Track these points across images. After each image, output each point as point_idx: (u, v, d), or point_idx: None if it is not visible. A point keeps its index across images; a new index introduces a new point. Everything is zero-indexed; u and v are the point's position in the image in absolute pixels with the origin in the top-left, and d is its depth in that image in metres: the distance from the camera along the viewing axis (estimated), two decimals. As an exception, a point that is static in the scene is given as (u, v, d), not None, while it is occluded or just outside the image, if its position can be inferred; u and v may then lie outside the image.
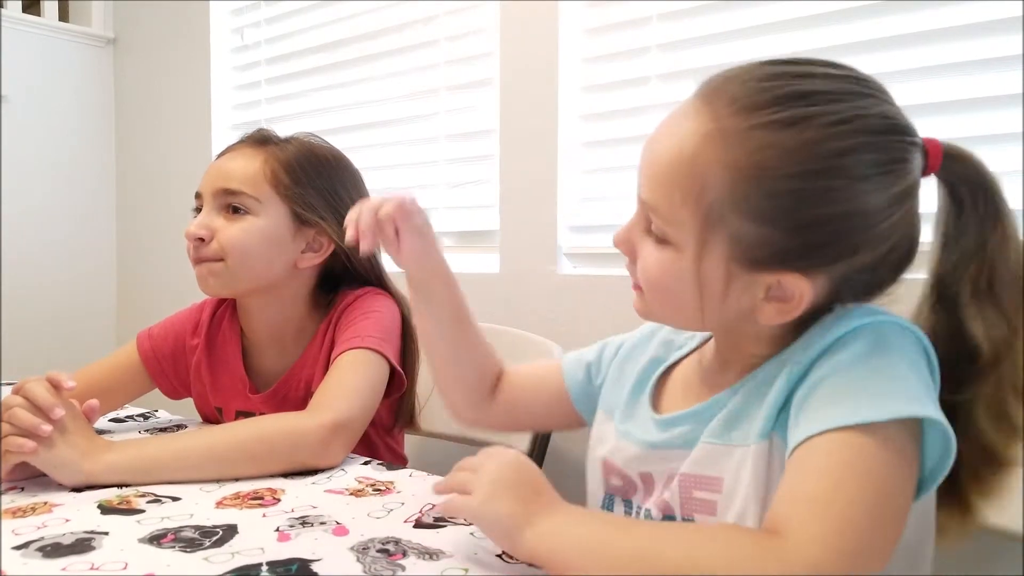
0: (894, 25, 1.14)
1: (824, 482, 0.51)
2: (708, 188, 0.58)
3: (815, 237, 0.57)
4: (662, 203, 0.61)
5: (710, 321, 0.64)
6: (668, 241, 0.61)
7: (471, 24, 1.62)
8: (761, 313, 0.61)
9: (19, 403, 0.82)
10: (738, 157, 0.57)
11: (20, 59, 2.25)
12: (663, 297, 0.65)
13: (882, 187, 0.57)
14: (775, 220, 0.57)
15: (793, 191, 0.56)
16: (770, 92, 0.58)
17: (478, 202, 1.63)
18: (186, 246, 1.04)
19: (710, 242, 0.59)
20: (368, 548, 0.65)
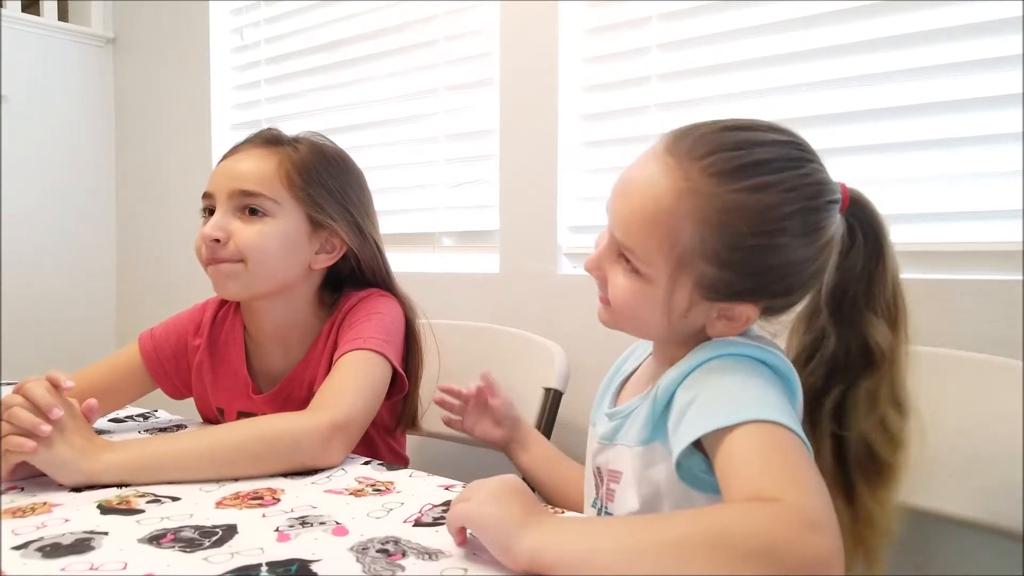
0: (893, 25, 1.14)
1: (772, 460, 0.59)
2: (680, 237, 0.69)
3: (763, 280, 0.71)
4: (638, 247, 0.71)
5: (667, 335, 0.76)
6: (640, 274, 0.72)
7: (471, 24, 1.62)
8: (712, 328, 0.74)
9: (19, 402, 0.82)
10: (709, 215, 0.68)
11: (19, 59, 2.25)
12: (630, 315, 0.76)
13: (813, 242, 0.70)
14: (734, 266, 0.69)
15: (751, 246, 0.68)
16: (738, 160, 0.69)
17: (478, 202, 1.63)
18: (196, 246, 1.03)
19: (679, 280, 0.71)
20: (368, 548, 0.65)
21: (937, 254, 1.11)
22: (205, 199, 1.05)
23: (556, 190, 1.48)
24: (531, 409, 1.23)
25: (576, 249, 1.49)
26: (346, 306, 1.08)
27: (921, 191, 1.14)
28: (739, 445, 0.60)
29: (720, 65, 1.30)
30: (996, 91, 1.07)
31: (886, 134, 1.15)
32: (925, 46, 1.13)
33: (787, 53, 1.24)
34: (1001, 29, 1.06)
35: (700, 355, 0.71)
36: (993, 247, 1.06)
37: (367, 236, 1.09)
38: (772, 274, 0.70)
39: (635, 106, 1.40)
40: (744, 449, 0.60)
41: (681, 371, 0.71)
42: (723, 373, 0.68)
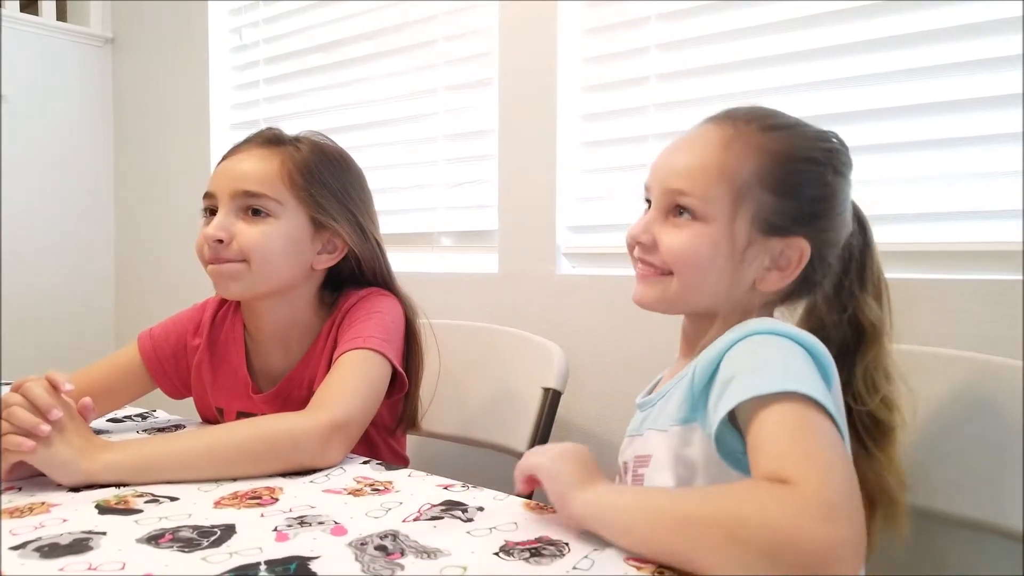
0: (893, 25, 1.14)
1: (799, 439, 0.61)
2: (741, 170, 0.76)
3: (814, 209, 0.77)
4: (697, 187, 0.77)
5: (724, 286, 0.78)
6: (698, 218, 0.77)
7: (470, 24, 1.62)
8: (763, 281, 0.78)
9: (18, 402, 0.82)
10: (766, 143, 0.77)
11: (18, 59, 2.25)
12: (693, 267, 0.78)
13: (846, 184, 0.80)
14: (790, 193, 0.76)
15: (804, 171, 0.77)
16: (776, 119, 0.80)
17: (477, 202, 1.63)
18: (197, 246, 1.03)
19: (739, 213, 0.76)
20: (366, 544, 0.65)
21: (937, 254, 1.11)
22: (207, 199, 1.04)
23: (555, 190, 1.47)
24: (530, 409, 1.23)
25: (575, 249, 1.49)
26: (346, 305, 1.08)
27: (921, 191, 1.14)
28: (771, 420, 0.62)
29: (719, 65, 1.30)
30: (996, 91, 1.07)
31: (886, 134, 1.15)
32: (925, 46, 1.13)
33: (786, 53, 1.24)
34: (1001, 29, 1.06)
35: (738, 332, 0.72)
36: (993, 247, 1.06)
37: (368, 236, 1.08)
38: (821, 204, 0.77)
39: (634, 106, 1.40)
40: (774, 424, 0.62)
41: (719, 348, 0.72)
42: (764, 347, 0.70)
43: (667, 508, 0.61)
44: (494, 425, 1.31)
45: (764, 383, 0.64)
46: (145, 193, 2.41)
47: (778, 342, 0.70)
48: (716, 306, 0.80)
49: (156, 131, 2.36)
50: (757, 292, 0.79)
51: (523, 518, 0.73)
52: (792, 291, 0.82)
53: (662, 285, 0.80)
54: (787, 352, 0.69)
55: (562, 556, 0.63)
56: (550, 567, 0.60)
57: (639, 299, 0.83)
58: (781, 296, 0.82)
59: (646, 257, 0.81)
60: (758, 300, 0.80)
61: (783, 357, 0.68)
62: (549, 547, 0.65)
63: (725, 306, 0.80)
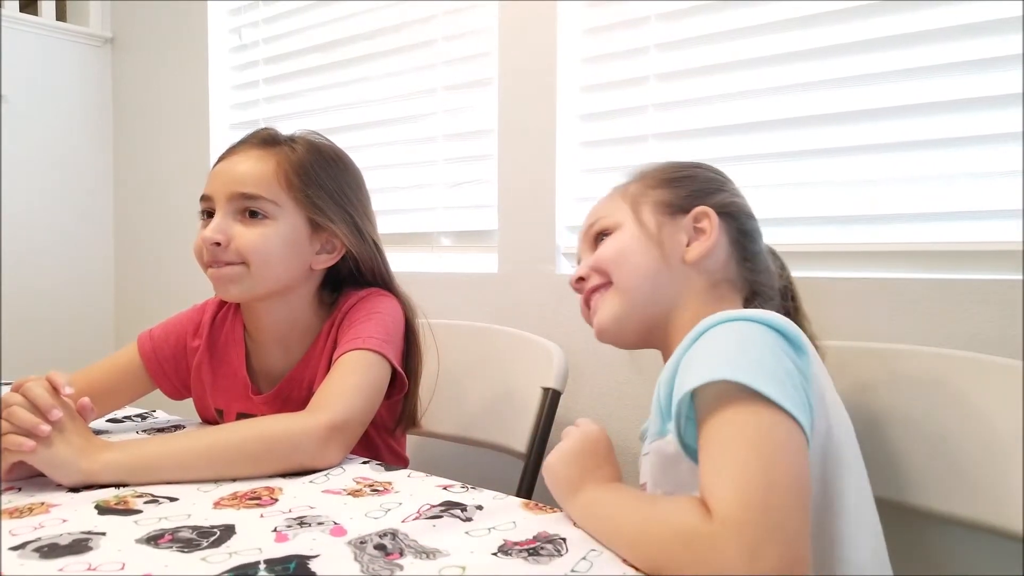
0: (893, 25, 1.14)
1: (735, 456, 0.60)
2: (628, 191, 0.91)
3: (703, 187, 0.89)
4: (603, 212, 0.91)
5: (659, 268, 0.85)
6: (609, 232, 0.89)
7: (469, 24, 1.62)
8: (689, 254, 0.85)
9: (18, 402, 0.82)
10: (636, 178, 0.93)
11: (17, 59, 2.25)
12: (622, 259, 0.86)
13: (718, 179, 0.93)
14: (676, 184, 0.89)
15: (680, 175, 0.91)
16: None
17: (476, 202, 1.63)
18: (196, 249, 1.03)
19: (641, 207, 0.88)
20: (366, 543, 0.65)
21: (937, 254, 1.11)
22: (203, 202, 1.04)
23: (554, 190, 1.47)
24: (530, 409, 1.23)
25: (575, 249, 1.48)
26: (345, 306, 1.08)
27: (921, 191, 1.14)
28: (714, 425, 0.62)
29: (718, 65, 1.30)
30: (996, 91, 1.07)
31: (885, 134, 1.15)
32: (925, 46, 1.12)
33: (786, 53, 1.24)
34: (1001, 29, 1.06)
35: (694, 332, 0.72)
36: (993, 247, 1.06)
37: (365, 236, 1.08)
38: (708, 185, 0.89)
39: (633, 106, 1.40)
40: (716, 432, 0.62)
41: (677, 354, 0.73)
42: (714, 338, 0.70)
43: (623, 519, 0.64)
44: (494, 425, 1.31)
45: (700, 373, 0.65)
46: (145, 193, 2.41)
47: (732, 329, 0.70)
48: (663, 299, 0.85)
49: (156, 131, 2.36)
50: (695, 272, 0.84)
51: (522, 518, 0.73)
52: (744, 283, 0.87)
53: (608, 298, 0.87)
54: (738, 336, 0.69)
55: (560, 556, 0.63)
56: (548, 567, 0.60)
57: (596, 328, 0.89)
58: (730, 279, 0.86)
59: (589, 285, 0.90)
60: (700, 280, 0.85)
61: (731, 342, 0.68)
62: (547, 546, 0.65)
63: (673, 294, 0.85)
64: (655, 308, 0.85)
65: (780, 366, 0.65)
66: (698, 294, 0.84)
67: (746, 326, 0.69)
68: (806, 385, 0.66)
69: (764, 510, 0.55)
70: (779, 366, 0.65)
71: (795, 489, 0.58)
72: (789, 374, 0.65)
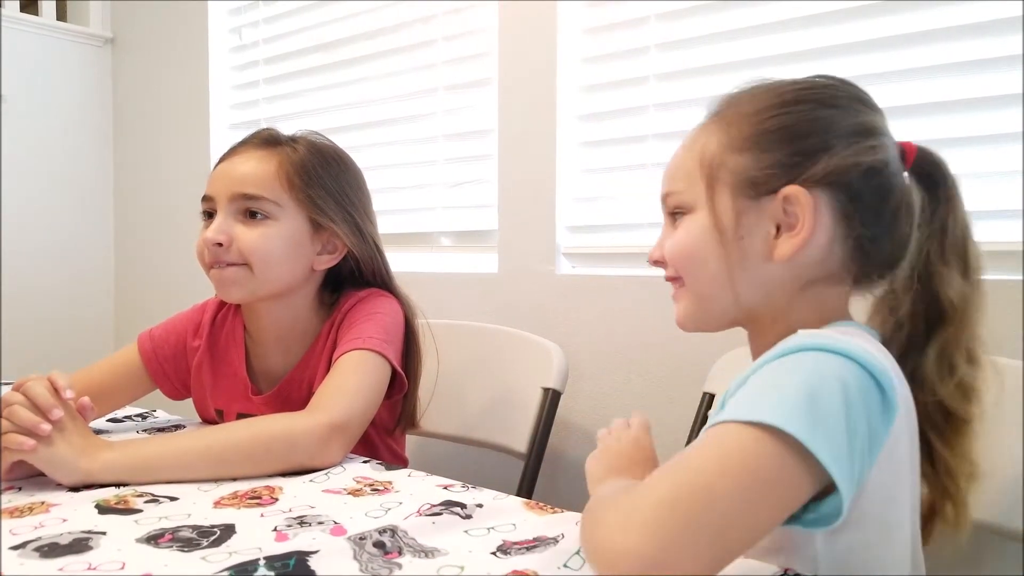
0: (893, 25, 1.14)
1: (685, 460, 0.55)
2: (708, 144, 0.71)
3: (801, 148, 0.67)
4: (677, 181, 0.73)
5: (737, 273, 0.69)
6: (686, 211, 0.72)
7: (469, 24, 1.62)
8: (777, 251, 0.67)
9: (19, 401, 0.82)
10: (732, 111, 0.72)
11: (18, 59, 2.25)
12: (693, 264, 0.71)
13: (849, 114, 0.69)
14: (765, 145, 0.68)
15: (775, 116, 0.69)
16: (744, 87, 0.76)
17: (476, 202, 1.63)
18: (198, 250, 1.03)
19: (717, 185, 0.69)
20: (365, 539, 0.65)
21: (936, 254, 1.10)
22: (205, 202, 1.04)
23: (555, 190, 1.47)
24: (530, 409, 1.23)
25: (575, 249, 1.49)
26: (345, 306, 1.08)
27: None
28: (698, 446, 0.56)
29: (718, 65, 1.30)
30: (996, 91, 1.07)
31: (885, 134, 1.15)
32: (925, 46, 1.12)
33: (786, 53, 1.24)
34: (1001, 29, 1.06)
35: (778, 349, 0.62)
36: (993, 247, 1.06)
37: (366, 236, 1.08)
38: (809, 141, 0.67)
39: (633, 106, 1.40)
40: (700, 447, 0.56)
41: (758, 363, 0.63)
42: (776, 370, 0.60)
43: (595, 506, 0.61)
44: (494, 425, 1.31)
45: (742, 411, 0.55)
46: (145, 193, 2.41)
47: (800, 361, 0.59)
48: (744, 304, 0.70)
49: (156, 131, 2.36)
50: (785, 270, 0.68)
51: (522, 518, 0.73)
52: (852, 265, 0.69)
53: (683, 298, 0.74)
54: (801, 373, 0.58)
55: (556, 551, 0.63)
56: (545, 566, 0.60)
57: (676, 322, 0.76)
58: (831, 272, 0.69)
59: (666, 273, 0.76)
60: (791, 280, 0.68)
61: (786, 379, 0.58)
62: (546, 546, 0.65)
63: (755, 300, 0.70)
64: (736, 310, 0.71)
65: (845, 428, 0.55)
66: (789, 292, 0.69)
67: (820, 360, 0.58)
68: (869, 449, 0.57)
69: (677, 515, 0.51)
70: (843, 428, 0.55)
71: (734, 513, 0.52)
72: (851, 436, 0.55)
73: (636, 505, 0.52)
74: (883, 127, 0.70)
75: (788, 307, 0.69)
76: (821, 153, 0.66)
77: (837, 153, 0.66)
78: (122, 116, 2.47)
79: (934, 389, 0.68)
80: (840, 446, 0.54)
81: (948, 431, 0.70)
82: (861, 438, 0.56)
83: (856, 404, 0.56)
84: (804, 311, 0.69)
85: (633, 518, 0.51)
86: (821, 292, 0.70)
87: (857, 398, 0.56)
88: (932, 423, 0.70)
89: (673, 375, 1.32)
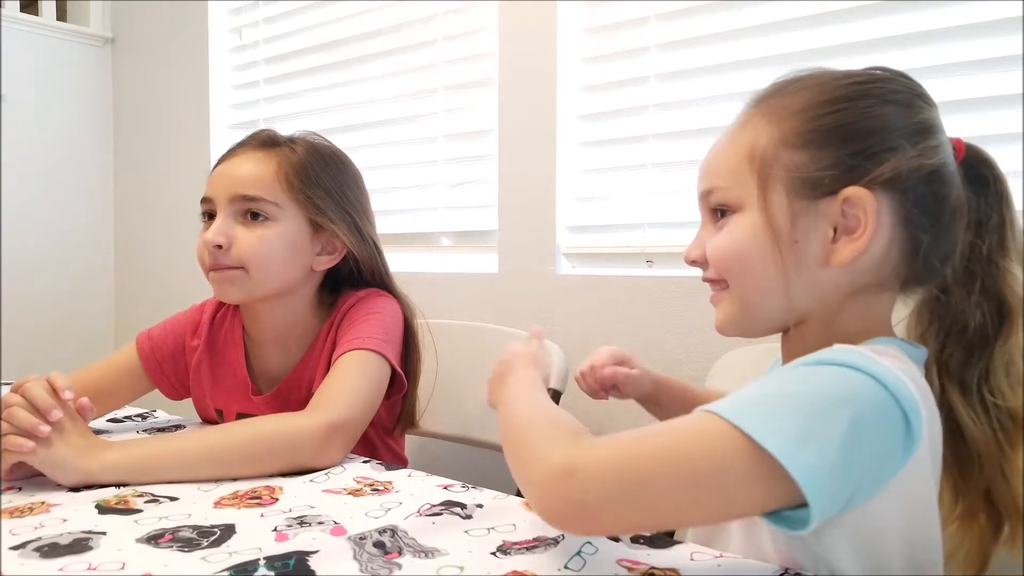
0: (894, 25, 1.14)
1: (656, 427, 0.57)
2: (758, 139, 0.66)
3: (860, 147, 0.63)
4: (721, 177, 0.68)
5: (791, 278, 0.65)
6: (732, 209, 0.67)
7: (470, 24, 1.62)
8: (835, 256, 0.63)
9: (18, 402, 0.82)
10: (784, 103, 0.66)
11: (18, 59, 2.25)
12: (741, 267, 0.67)
13: (907, 111, 0.65)
14: (822, 141, 0.64)
15: (832, 112, 0.64)
16: (794, 77, 0.69)
17: (477, 202, 1.63)
18: (198, 252, 1.03)
19: (770, 183, 0.65)
20: (365, 539, 0.65)
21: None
22: (204, 204, 1.04)
23: (555, 190, 1.48)
24: (530, 409, 1.23)
25: (575, 249, 1.49)
26: (345, 306, 1.08)
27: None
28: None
29: (718, 65, 1.30)
30: (996, 91, 1.07)
31: (885, 134, 1.15)
32: (925, 46, 1.13)
33: (786, 53, 1.24)
34: (1001, 29, 1.06)
35: (804, 359, 0.60)
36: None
37: (365, 237, 1.08)
38: (869, 140, 0.63)
39: (633, 106, 1.40)
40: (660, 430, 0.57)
41: (791, 364, 0.61)
42: (794, 375, 0.59)
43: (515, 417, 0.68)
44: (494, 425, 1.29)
45: (736, 407, 0.55)
46: (145, 193, 2.41)
47: (819, 373, 0.57)
48: (795, 310, 0.67)
49: (156, 131, 2.36)
50: (841, 275, 0.64)
51: (522, 519, 0.73)
52: (904, 270, 0.66)
53: (726, 302, 0.70)
54: (819, 389, 0.56)
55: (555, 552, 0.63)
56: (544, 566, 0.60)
57: (716, 326, 0.72)
58: (884, 278, 0.66)
59: (705, 274, 0.72)
60: (845, 286, 0.65)
61: (802, 394, 0.56)
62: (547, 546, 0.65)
63: (807, 306, 0.66)
64: (784, 316, 0.67)
65: (840, 449, 0.53)
66: (841, 298, 0.66)
67: (849, 386, 0.56)
68: (876, 474, 0.56)
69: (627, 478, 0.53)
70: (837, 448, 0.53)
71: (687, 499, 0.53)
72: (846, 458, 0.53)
73: (592, 451, 0.55)
74: (940, 124, 0.67)
75: (836, 314, 0.66)
76: (886, 153, 0.63)
77: (902, 154, 0.63)
78: (122, 116, 2.47)
79: (1005, 396, 0.65)
80: (826, 466, 0.52)
81: (1016, 436, 0.65)
82: (864, 462, 0.54)
83: (867, 427, 0.54)
84: (850, 318, 0.66)
85: (580, 460, 0.54)
86: (870, 298, 0.67)
87: (871, 421, 0.54)
88: (1005, 432, 0.65)
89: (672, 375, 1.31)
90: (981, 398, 0.65)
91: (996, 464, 0.66)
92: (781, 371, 0.61)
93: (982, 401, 0.66)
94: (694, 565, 0.62)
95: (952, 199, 0.65)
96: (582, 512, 0.53)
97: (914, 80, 0.68)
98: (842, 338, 0.63)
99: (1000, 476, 0.66)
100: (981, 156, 0.69)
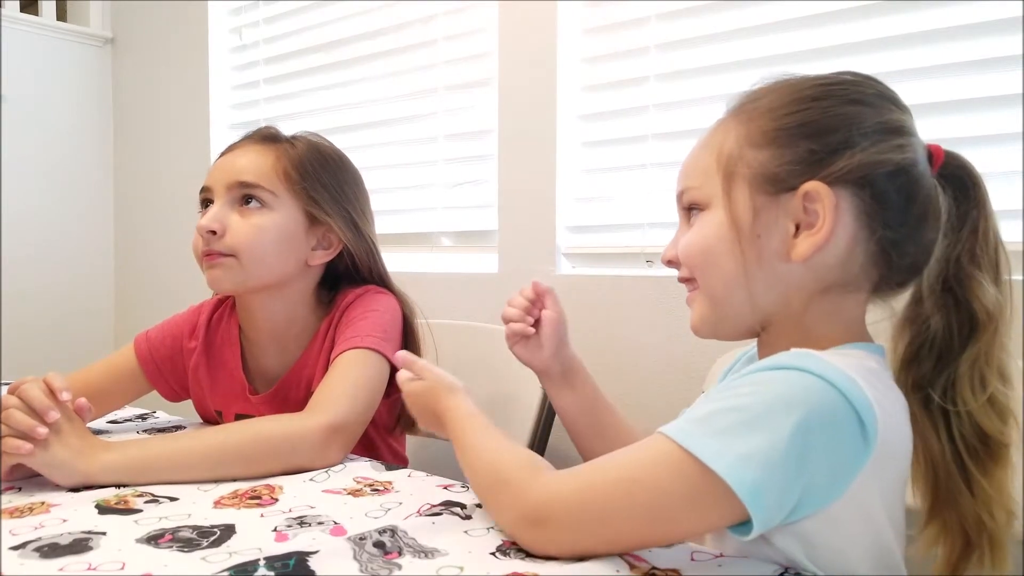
0: (894, 25, 1.14)
1: (613, 458, 0.62)
2: (726, 140, 0.68)
3: (822, 144, 0.64)
4: (693, 177, 0.71)
5: (753, 272, 0.66)
6: (702, 208, 0.70)
7: (470, 24, 1.62)
8: (795, 250, 0.64)
9: (15, 404, 0.82)
10: (752, 105, 0.69)
11: (18, 59, 2.25)
12: (706, 262, 0.69)
13: (875, 111, 0.65)
14: (785, 140, 0.65)
15: (797, 111, 0.66)
16: (764, 82, 0.72)
17: (477, 202, 1.63)
18: (193, 243, 1.03)
19: (734, 180, 0.67)
20: (365, 539, 0.65)
21: (936, 254, 1.10)
22: (203, 193, 1.05)
23: (555, 190, 1.47)
24: (530, 409, 1.23)
25: (575, 249, 1.49)
26: (343, 304, 1.07)
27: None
28: None
29: (718, 65, 1.30)
30: (996, 91, 1.07)
31: (885, 134, 1.15)
32: (925, 46, 1.13)
33: (786, 53, 1.24)
34: (1001, 29, 1.06)
35: (757, 364, 0.62)
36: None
37: (363, 234, 1.08)
38: (832, 137, 0.64)
39: (634, 106, 1.40)
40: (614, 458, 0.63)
41: (741, 371, 0.63)
42: (742, 385, 0.60)
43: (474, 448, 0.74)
44: (494, 425, 1.31)
45: (684, 430, 0.58)
46: (145, 193, 2.41)
47: (775, 383, 0.59)
48: (759, 308, 0.68)
49: (156, 131, 2.36)
50: (805, 272, 0.65)
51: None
52: (873, 272, 0.67)
53: (697, 301, 0.71)
54: (764, 398, 0.58)
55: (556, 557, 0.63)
56: (544, 566, 0.60)
57: (691, 328, 0.73)
58: (851, 277, 0.66)
59: (680, 274, 0.73)
60: (810, 283, 0.66)
61: (746, 407, 0.58)
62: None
63: (771, 304, 0.67)
64: (751, 315, 0.68)
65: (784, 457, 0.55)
66: (806, 296, 0.67)
67: (797, 392, 0.57)
68: (831, 480, 0.57)
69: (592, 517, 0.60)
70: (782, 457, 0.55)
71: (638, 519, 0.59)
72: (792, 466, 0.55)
73: (558, 492, 0.61)
74: (911, 127, 0.67)
75: (804, 314, 0.67)
76: (845, 150, 0.63)
77: (862, 150, 0.63)
78: (122, 116, 2.47)
79: (966, 403, 0.65)
80: (773, 479, 0.55)
81: (985, 456, 0.66)
82: (813, 465, 0.56)
83: (814, 430, 0.56)
84: (819, 320, 0.67)
85: (546, 508, 0.61)
86: (839, 299, 0.67)
87: (818, 423, 0.56)
88: (969, 448, 0.66)
89: (672, 375, 1.32)
90: (944, 412, 0.66)
91: (958, 484, 0.66)
92: (732, 382, 0.62)
93: (944, 415, 0.66)
94: (695, 565, 0.62)
95: (919, 200, 0.65)
96: (555, 551, 0.61)
97: (884, 84, 0.68)
98: (814, 342, 0.63)
99: (966, 497, 0.66)
100: (960, 162, 0.69)
